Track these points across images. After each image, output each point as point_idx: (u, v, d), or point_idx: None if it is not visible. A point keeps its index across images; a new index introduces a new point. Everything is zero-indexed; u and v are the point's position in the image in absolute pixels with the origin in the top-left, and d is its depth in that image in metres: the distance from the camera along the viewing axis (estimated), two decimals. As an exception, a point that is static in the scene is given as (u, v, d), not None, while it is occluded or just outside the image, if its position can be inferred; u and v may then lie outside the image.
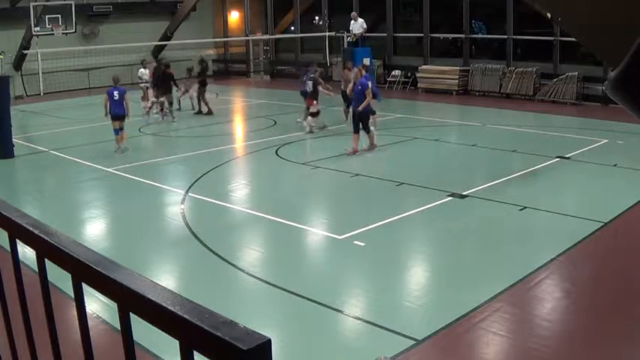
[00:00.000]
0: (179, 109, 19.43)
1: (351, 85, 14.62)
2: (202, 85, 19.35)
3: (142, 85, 19.90)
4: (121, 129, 14.42)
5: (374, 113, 14.87)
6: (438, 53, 24.89)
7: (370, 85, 13.68)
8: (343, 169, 12.26)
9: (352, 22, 22.09)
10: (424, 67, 23.87)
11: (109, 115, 14.24)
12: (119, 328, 1.15)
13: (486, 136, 15.41)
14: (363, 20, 22.21)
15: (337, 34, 23.76)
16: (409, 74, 23.99)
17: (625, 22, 1.12)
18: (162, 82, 18.40)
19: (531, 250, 7.97)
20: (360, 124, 13.33)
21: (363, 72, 13.98)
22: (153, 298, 1.04)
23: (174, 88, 18.79)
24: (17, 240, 1.47)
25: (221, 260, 7.86)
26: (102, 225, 9.69)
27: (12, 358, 1.66)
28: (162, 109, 18.61)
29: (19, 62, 24.30)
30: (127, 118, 14.40)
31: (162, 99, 18.48)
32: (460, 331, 5.97)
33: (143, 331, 1.36)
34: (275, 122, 17.92)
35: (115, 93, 14.14)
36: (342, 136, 15.73)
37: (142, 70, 20.05)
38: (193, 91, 19.47)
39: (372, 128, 13.74)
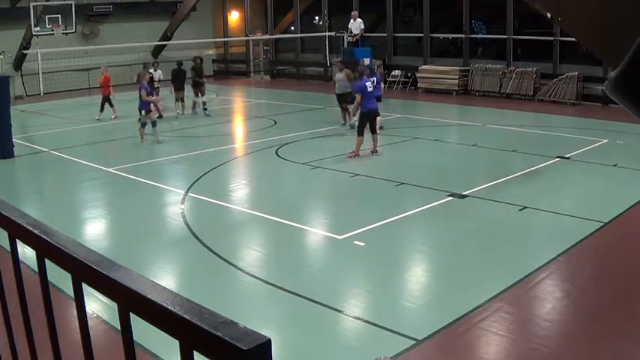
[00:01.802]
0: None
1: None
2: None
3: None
4: (142, 124, 15.12)
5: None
6: (438, 53, 24.89)
7: (369, 86, 13.48)
8: (343, 169, 12.26)
9: (351, 20, 22.08)
10: (424, 67, 23.87)
11: None
12: (119, 328, 1.15)
13: (486, 136, 15.41)
14: (361, 20, 22.21)
15: (337, 34, 23.76)
16: (409, 74, 23.99)
17: (625, 22, 1.12)
18: (176, 78, 18.72)
19: (531, 250, 7.97)
20: (365, 126, 13.25)
21: (358, 75, 13.84)
22: (153, 298, 1.04)
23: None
24: (17, 240, 1.47)
25: (221, 260, 7.86)
26: (102, 225, 9.69)
27: (12, 358, 1.66)
28: (193, 107, 19.11)
29: (19, 62, 24.30)
30: (142, 114, 15.15)
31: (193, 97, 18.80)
32: (460, 331, 5.97)
33: (143, 331, 1.36)
34: (275, 122, 17.92)
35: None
36: (341, 136, 15.73)
37: (151, 71, 19.47)
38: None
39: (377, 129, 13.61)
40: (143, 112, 15.19)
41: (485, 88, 22.29)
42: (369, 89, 13.33)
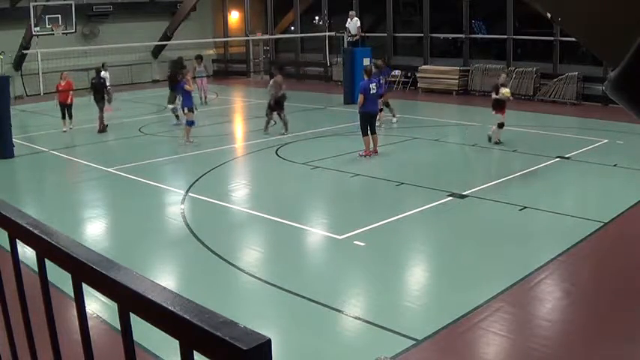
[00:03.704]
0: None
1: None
2: (97, 101, 17.16)
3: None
4: (188, 123, 14.94)
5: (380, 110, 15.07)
6: (438, 53, 24.88)
7: (372, 87, 13.41)
8: (343, 169, 12.26)
9: (348, 20, 22.11)
10: (424, 67, 23.87)
11: None
12: (119, 328, 1.15)
13: (486, 136, 15.38)
14: (357, 19, 22.24)
15: (337, 34, 23.76)
16: (409, 74, 23.99)
17: (625, 22, 1.12)
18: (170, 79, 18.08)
19: (531, 250, 7.97)
20: (367, 126, 13.24)
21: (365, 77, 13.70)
22: (153, 298, 1.04)
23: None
24: (17, 240, 1.47)
25: (221, 260, 7.86)
26: (102, 225, 9.69)
27: (12, 358, 1.66)
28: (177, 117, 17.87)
29: (19, 62, 24.29)
30: (185, 111, 14.96)
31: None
32: (460, 331, 5.97)
33: (143, 331, 1.36)
34: (275, 122, 17.90)
35: None
36: (341, 136, 15.74)
37: (102, 72, 18.34)
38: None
39: (378, 126, 13.53)
40: (186, 109, 14.91)
41: (486, 88, 22.26)
42: (372, 90, 13.31)
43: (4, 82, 14.39)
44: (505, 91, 13.61)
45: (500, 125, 13.73)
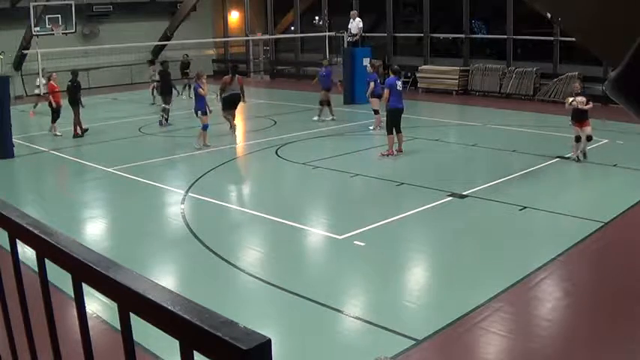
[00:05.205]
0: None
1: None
2: (72, 104, 16.50)
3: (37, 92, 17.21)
4: (204, 127, 14.56)
5: (376, 113, 15.46)
6: (438, 53, 24.88)
7: (398, 85, 13.38)
8: (343, 169, 12.26)
9: (351, 20, 22.11)
10: (424, 67, 23.87)
11: None
12: (119, 328, 1.15)
13: (486, 136, 15.40)
14: (360, 20, 22.24)
15: (337, 34, 23.76)
16: (409, 74, 23.98)
17: (625, 22, 1.12)
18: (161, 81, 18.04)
19: (531, 250, 7.97)
20: (393, 124, 13.23)
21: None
22: (153, 298, 1.04)
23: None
24: (17, 240, 1.47)
25: (221, 260, 7.86)
26: (102, 225, 9.69)
27: (12, 358, 1.66)
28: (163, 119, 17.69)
29: (19, 62, 24.29)
30: (198, 115, 14.59)
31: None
32: (460, 331, 5.97)
33: (143, 331, 1.36)
34: (275, 122, 17.92)
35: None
36: (341, 136, 15.74)
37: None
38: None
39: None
40: (200, 113, 14.53)
41: (486, 88, 22.29)
42: (398, 87, 13.32)
43: (4, 82, 14.39)
44: (569, 100, 12.50)
45: (577, 139, 12.35)
